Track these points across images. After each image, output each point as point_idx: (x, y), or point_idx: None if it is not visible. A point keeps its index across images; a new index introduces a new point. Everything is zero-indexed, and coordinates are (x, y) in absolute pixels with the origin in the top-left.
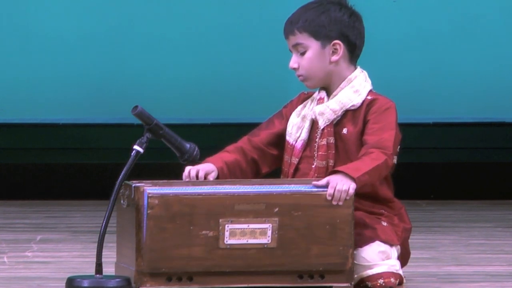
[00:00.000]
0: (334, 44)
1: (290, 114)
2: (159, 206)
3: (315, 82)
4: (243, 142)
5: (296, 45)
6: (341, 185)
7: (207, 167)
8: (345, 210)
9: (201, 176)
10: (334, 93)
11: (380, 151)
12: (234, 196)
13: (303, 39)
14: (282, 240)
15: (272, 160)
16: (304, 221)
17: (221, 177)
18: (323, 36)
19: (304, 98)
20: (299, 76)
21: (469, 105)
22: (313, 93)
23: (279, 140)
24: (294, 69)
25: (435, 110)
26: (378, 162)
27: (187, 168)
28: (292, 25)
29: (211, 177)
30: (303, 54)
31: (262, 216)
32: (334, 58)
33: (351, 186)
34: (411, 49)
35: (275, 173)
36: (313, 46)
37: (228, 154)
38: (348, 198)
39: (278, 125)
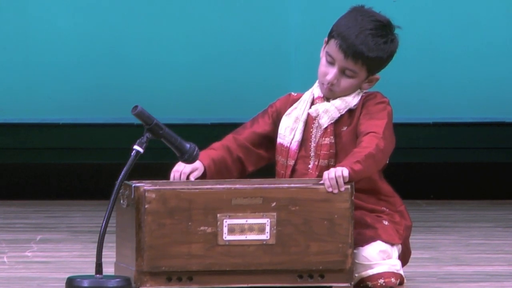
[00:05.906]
0: (374, 77)
1: (277, 114)
2: (157, 200)
3: (337, 97)
4: (228, 140)
5: (346, 69)
6: (333, 172)
7: (190, 167)
8: (342, 205)
9: (183, 178)
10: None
11: (369, 135)
12: (231, 190)
13: (360, 70)
14: (281, 237)
15: (257, 158)
16: (301, 216)
17: (208, 175)
18: (374, 71)
19: (293, 100)
20: (329, 86)
21: (469, 105)
22: (302, 94)
23: (264, 140)
24: (330, 82)
25: (435, 110)
26: (369, 149)
27: (172, 172)
28: (362, 56)
29: (194, 176)
30: (347, 76)
31: (259, 211)
32: (366, 86)
33: (344, 170)
34: (411, 49)
35: (263, 173)
36: (360, 76)
37: (215, 152)
38: (344, 181)
39: (262, 124)
